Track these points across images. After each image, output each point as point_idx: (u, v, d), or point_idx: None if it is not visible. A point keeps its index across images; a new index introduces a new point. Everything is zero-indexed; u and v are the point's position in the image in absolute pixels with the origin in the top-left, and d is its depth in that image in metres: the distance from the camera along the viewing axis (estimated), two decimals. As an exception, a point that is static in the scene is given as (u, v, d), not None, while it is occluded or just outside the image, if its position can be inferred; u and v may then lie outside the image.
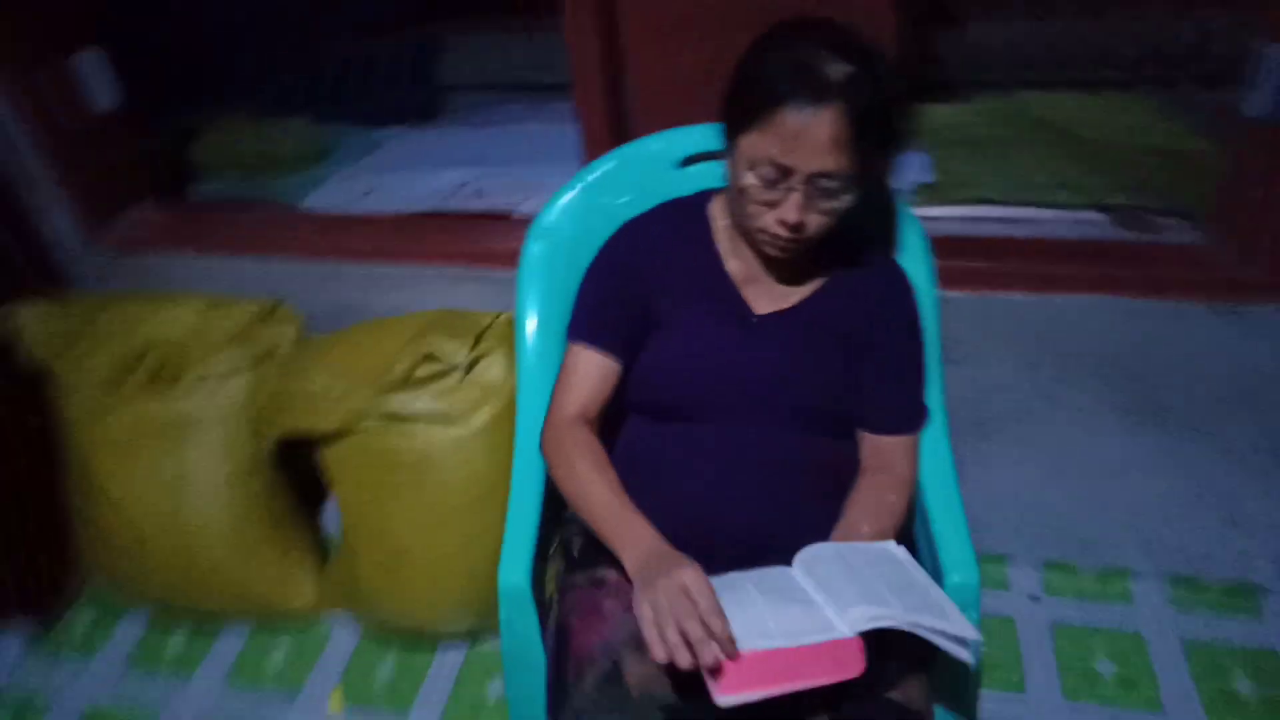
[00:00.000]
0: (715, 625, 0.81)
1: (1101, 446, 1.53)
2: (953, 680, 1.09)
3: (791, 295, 1.12)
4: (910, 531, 1.11)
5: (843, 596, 0.88)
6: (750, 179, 0.97)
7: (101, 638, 1.77)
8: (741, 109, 0.95)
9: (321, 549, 1.75)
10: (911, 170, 1.80)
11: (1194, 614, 1.59)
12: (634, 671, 0.93)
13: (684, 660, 0.80)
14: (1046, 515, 1.64)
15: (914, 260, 1.25)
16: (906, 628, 0.84)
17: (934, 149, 1.87)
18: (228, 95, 2.40)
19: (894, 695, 0.94)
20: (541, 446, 1.10)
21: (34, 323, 1.66)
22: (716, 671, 0.80)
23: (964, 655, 0.85)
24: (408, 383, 1.43)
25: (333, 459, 1.52)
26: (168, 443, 1.61)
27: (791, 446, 1.10)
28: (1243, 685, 1.47)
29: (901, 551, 0.99)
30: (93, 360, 1.62)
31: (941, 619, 0.85)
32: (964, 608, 1.01)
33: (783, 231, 0.98)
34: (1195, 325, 1.37)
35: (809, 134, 0.91)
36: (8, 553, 1.77)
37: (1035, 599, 1.66)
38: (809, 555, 0.98)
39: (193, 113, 2.27)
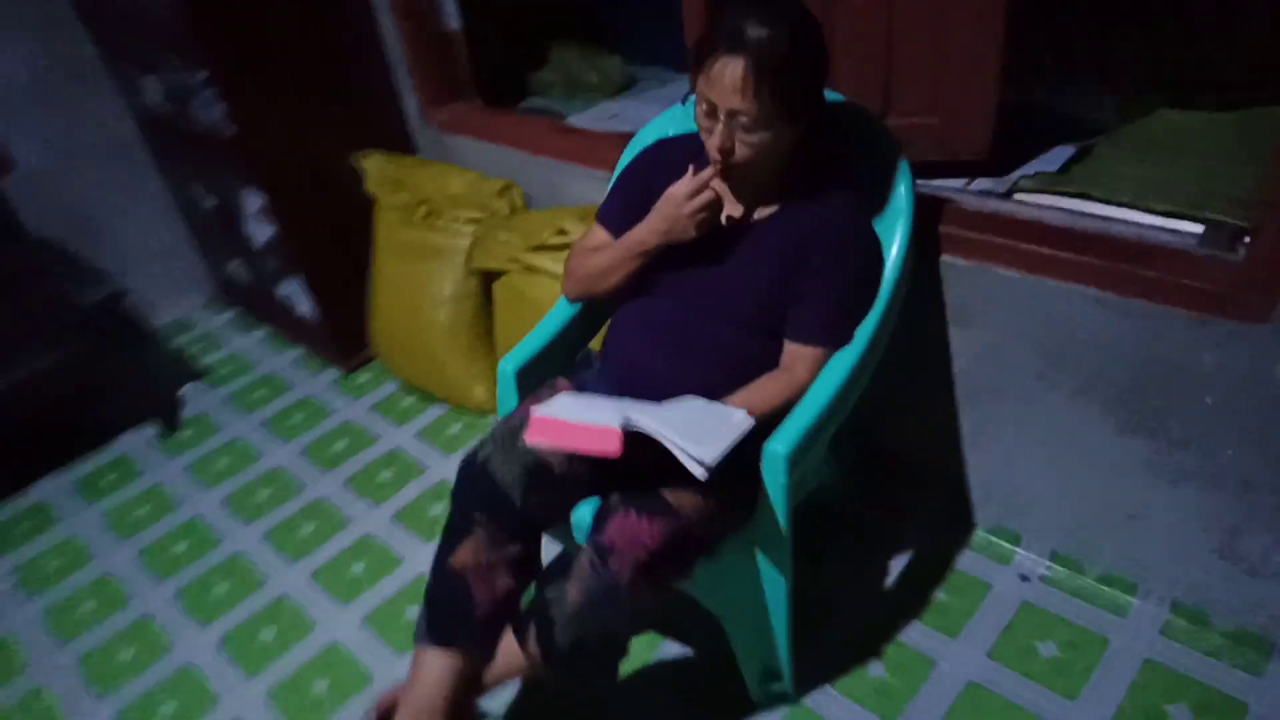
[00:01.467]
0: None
1: (1111, 450, 1.56)
2: (768, 536, 1.37)
3: (752, 215, 1.43)
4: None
5: (646, 412, 1.24)
6: (699, 111, 1.31)
7: (369, 389, 2.63)
8: (696, 55, 1.29)
9: (500, 366, 2.38)
10: (1045, 159, 1.86)
11: (1180, 644, 1.56)
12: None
13: None
14: (1071, 506, 1.68)
15: (894, 216, 1.47)
16: (655, 434, 1.18)
17: (1099, 145, 1.89)
18: (565, 28, 3.04)
19: (666, 494, 1.27)
20: (564, 283, 1.57)
21: (374, 167, 2.48)
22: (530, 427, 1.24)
23: (698, 471, 1.17)
24: (542, 246, 1.96)
25: (495, 292, 2.13)
26: (420, 262, 2.35)
27: (722, 336, 1.44)
28: (1179, 712, 1.45)
29: (739, 417, 1.28)
30: (397, 198, 2.40)
31: (696, 445, 1.17)
32: (771, 469, 1.30)
33: (717, 155, 1.31)
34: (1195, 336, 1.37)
35: (724, 78, 1.24)
36: (343, 322, 2.67)
37: (1025, 579, 1.73)
38: (682, 397, 1.34)
39: (533, 38, 2.95)
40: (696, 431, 1.24)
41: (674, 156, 1.50)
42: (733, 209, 1.44)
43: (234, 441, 2.50)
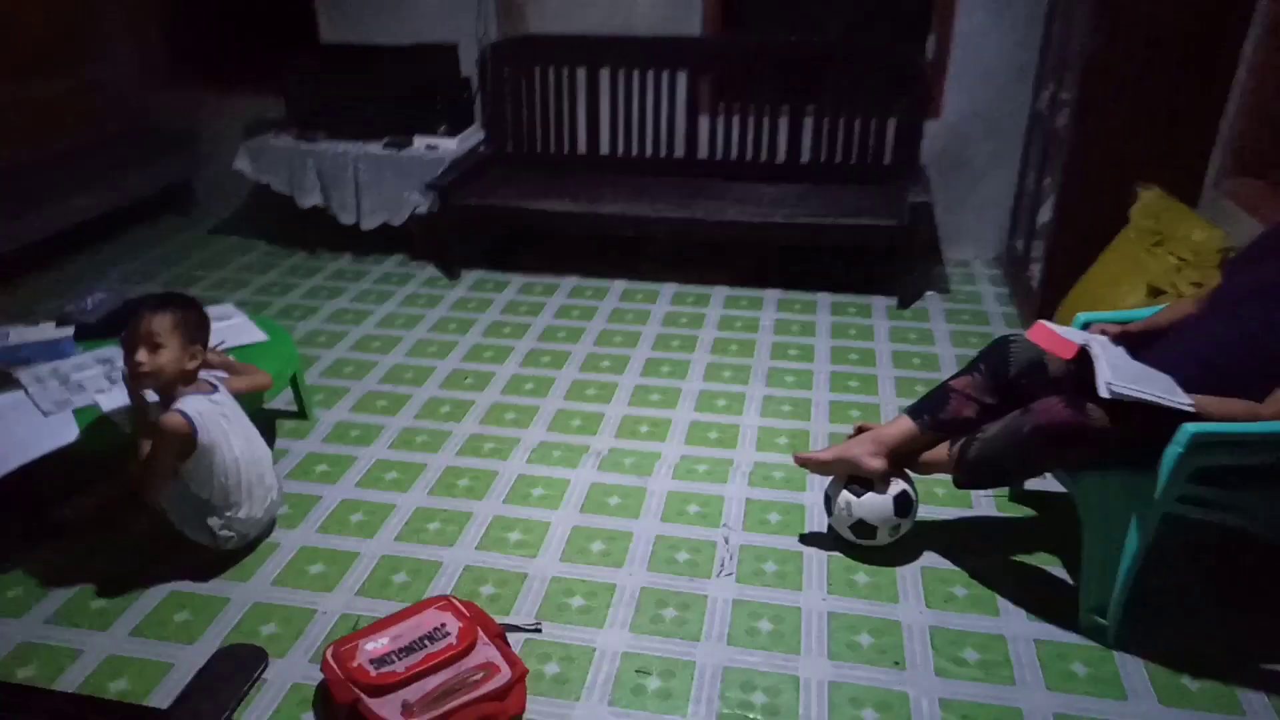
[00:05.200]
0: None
1: None
2: (1145, 490, 1.78)
3: None
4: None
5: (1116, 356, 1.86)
6: None
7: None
8: None
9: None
10: None
11: None
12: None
13: None
14: None
15: None
16: (1096, 357, 1.80)
17: None
18: None
19: (1090, 404, 1.81)
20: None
21: (1150, 198, 3.03)
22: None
23: (1102, 387, 1.73)
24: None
25: (1120, 274, 2.61)
26: (1124, 270, 2.90)
27: (1233, 360, 1.84)
28: None
29: (1182, 398, 1.75)
30: (1145, 223, 2.95)
31: (1119, 379, 1.74)
32: (1175, 440, 1.74)
33: None
34: None
35: None
36: (1045, 302, 3.37)
37: None
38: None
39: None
40: (1133, 378, 1.76)
41: None
42: None
43: (921, 328, 3.51)
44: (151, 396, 2.14)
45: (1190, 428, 1.71)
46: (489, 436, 2.81)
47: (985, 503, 2.43)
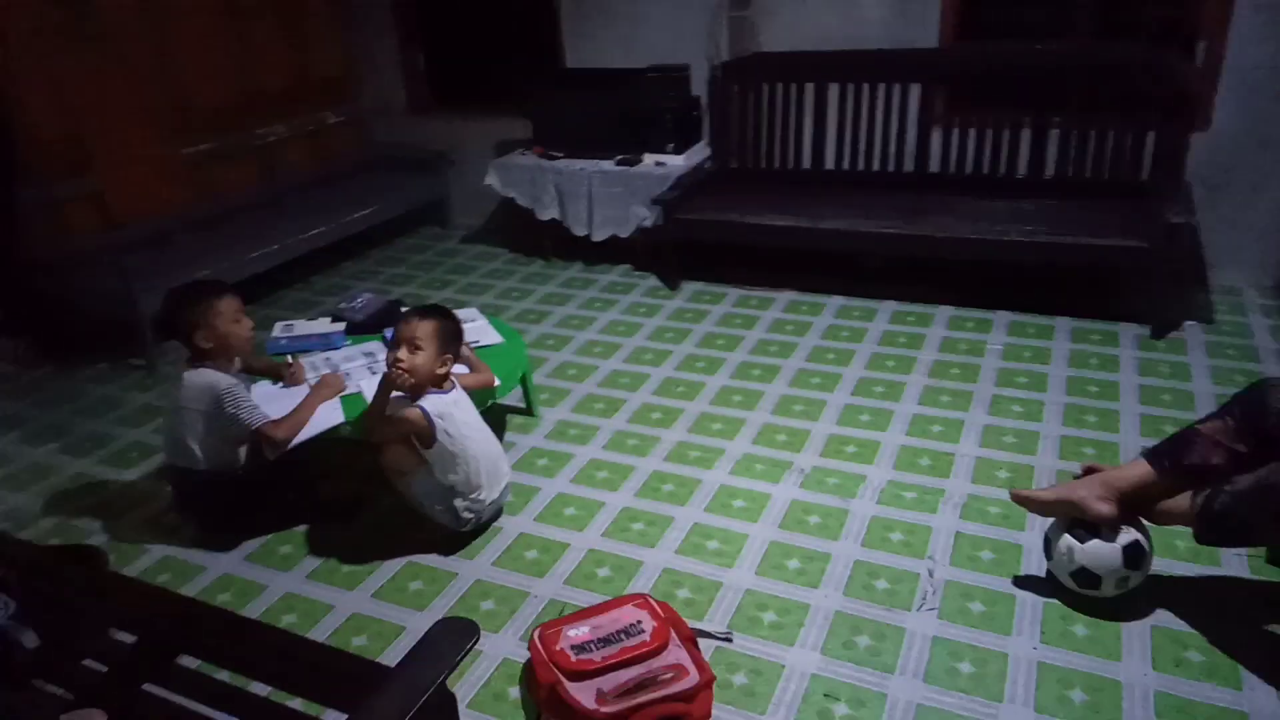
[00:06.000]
0: None
1: None
2: None
3: None
4: None
5: None
6: None
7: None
8: None
9: None
10: None
11: None
12: None
13: None
14: None
15: None
16: None
17: None
18: None
19: None
20: None
21: None
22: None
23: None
24: None
25: None
26: None
27: None
28: None
29: None
30: None
31: None
32: None
33: None
34: None
35: None
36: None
37: None
38: None
39: None
40: None
41: None
42: None
43: (1176, 362, 3.16)
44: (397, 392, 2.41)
45: None
46: (695, 445, 2.89)
47: (1235, 562, 2.17)
